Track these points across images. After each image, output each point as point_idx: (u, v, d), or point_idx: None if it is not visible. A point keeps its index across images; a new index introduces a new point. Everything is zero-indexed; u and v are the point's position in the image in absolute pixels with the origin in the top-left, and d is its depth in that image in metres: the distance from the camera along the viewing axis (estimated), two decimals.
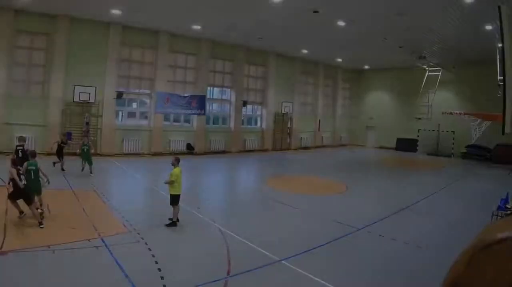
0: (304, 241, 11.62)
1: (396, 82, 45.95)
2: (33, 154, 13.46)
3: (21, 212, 12.34)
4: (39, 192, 13.14)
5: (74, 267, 9.01)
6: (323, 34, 29.92)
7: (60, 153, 21.31)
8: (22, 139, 17.64)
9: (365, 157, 39.05)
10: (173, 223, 12.74)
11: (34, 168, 12.82)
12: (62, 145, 21.50)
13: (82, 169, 20.99)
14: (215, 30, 30.94)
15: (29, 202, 11.95)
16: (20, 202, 12.00)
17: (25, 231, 11.30)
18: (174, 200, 12.86)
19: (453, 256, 1.89)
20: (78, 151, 21.76)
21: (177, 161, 13.22)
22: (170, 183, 12.75)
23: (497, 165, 33.93)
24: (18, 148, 16.74)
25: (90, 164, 20.84)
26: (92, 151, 21.59)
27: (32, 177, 12.72)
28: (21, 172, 12.33)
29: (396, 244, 11.89)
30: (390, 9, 22.31)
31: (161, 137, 31.86)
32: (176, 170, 12.90)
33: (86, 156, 20.83)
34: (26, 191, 12.08)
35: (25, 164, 12.96)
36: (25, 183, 12.17)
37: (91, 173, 20.63)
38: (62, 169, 21.01)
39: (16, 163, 12.75)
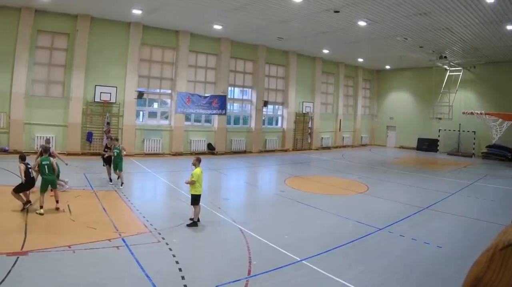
0: (324, 241, 11.35)
1: (417, 82, 44.61)
2: (46, 149, 13.98)
3: (26, 203, 12.71)
4: (54, 185, 13.49)
5: (94, 267, 8.77)
6: (344, 34, 28.85)
7: (107, 160, 18.24)
8: (48, 142, 17.38)
9: (385, 156, 37.53)
10: (194, 223, 12.37)
11: (47, 163, 13.33)
12: (105, 149, 18.78)
13: (110, 180, 17.93)
14: (235, 30, 30.11)
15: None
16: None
17: (46, 231, 11.05)
18: (195, 200, 12.50)
19: (474, 256, 1.72)
20: (105, 154, 18.51)
21: (198, 161, 12.91)
22: (191, 183, 12.43)
23: None
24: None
25: (120, 169, 17.41)
26: (124, 153, 17.88)
27: (46, 171, 13.22)
28: (29, 166, 12.97)
29: (416, 244, 11.57)
30: (411, 9, 21.52)
31: (182, 138, 30.93)
32: (197, 170, 12.58)
33: (117, 162, 17.44)
34: (30, 184, 12.98)
35: (39, 159, 13.67)
36: (27, 178, 12.79)
37: (122, 183, 17.19)
38: (110, 179, 18.04)
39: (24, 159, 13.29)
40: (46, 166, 13.27)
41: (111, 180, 18.00)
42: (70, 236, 10.60)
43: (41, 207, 12.74)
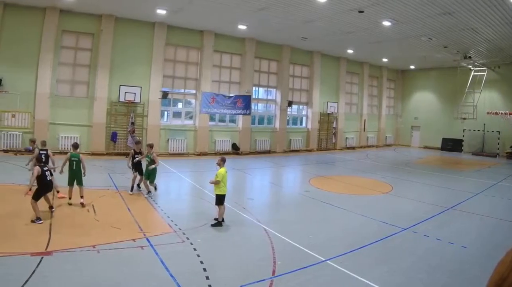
0: (349, 241, 11.05)
1: (441, 82, 43.00)
2: (76, 146, 14.01)
3: (39, 218, 11.39)
4: (80, 182, 13.54)
5: (119, 267, 8.53)
6: (368, 34, 27.77)
7: (136, 167, 15.79)
8: (44, 144, 15.33)
9: (410, 156, 36.25)
10: (218, 223, 12.07)
11: (76, 159, 13.46)
12: (135, 156, 15.95)
13: (132, 188, 15.54)
14: (260, 30, 29.02)
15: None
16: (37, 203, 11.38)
17: (70, 231, 10.69)
18: (220, 200, 12.19)
19: (499, 256, 1.69)
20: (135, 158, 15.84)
21: (223, 161, 12.54)
22: (216, 183, 12.10)
23: None
24: (41, 152, 14.54)
25: (152, 181, 15.28)
26: (156, 165, 15.03)
27: (74, 167, 13.41)
28: (45, 169, 11.95)
29: (441, 244, 11.20)
30: (436, 9, 20.71)
31: (206, 138, 29.81)
32: (222, 170, 12.20)
33: (149, 172, 15.16)
34: (47, 188, 11.90)
35: (68, 154, 13.68)
36: (43, 182, 11.65)
37: (148, 192, 15.10)
38: (138, 186, 16.05)
39: (40, 160, 12.76)
40: (75, 162, 13.40)
41: (133, 189, 15.60)
42: (94, 236, 10.35)
43: (70, 198, 13.28)
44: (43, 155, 14.17)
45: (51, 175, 12.18)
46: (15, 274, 7.68)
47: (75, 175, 13.45)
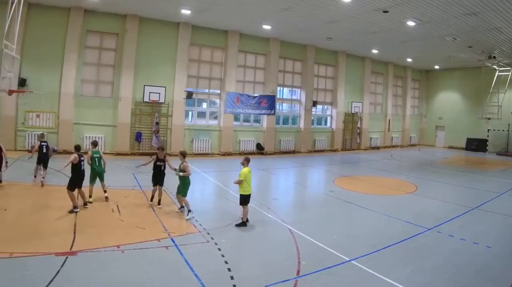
0: (373, 241, 10.61)
1: (466, 82, 40.90)
2: (95, 143, 13.90)
3: (75, 207, 11.74)
4: (102, 178, 13.49)
5: (143, 267, 8.21)
6: (393, 34, 26.58)
7: (157, 177, 13.13)
8: (42, 136, 16.11)
9: (434, 156, 34.44)
10: (243, 223, 11.61)
11: (98, 155, 13.44)
12: (158, 163, 13.11)
13: (189, 212, 11.99)
14: (284, 30, 27.72)
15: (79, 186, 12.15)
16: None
17: (95, 231, 10.32)
18: (244, 200, 11.72)
19: None
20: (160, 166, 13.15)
21: (247, 161, 11.98)
22: (239, 182, 11.68)
23: None
24: (42, 143, 15.48)
25: (184, 194, 12.29)
26: (186, 175, 12.21)
27: (97, 163, 13.34)
28: (82, 158, 12.29)
29: (465, 244, 10.83)
30: (460, 9, 19.85)
31: (231, 138, 28.49)
32: (245, 170, 11.70)
33: (182, 183, 12.39)
34: (81, 177, 12.25)
35: (90, 152, 13.45)
36: (78, 171, 12.07)
37: (189, 211, 11.93)
38: (152, 199, 13.38)
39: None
40: (96, 159, 13.36)
41: (152, 199, 13.28)
42: (119, 236, 9.99)
43: (90, 196, 12.95)
44: (44, 146, 15.28)
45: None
46: (39, 274, 7.38)
47: (98, 172, 13.34)
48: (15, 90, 17.51)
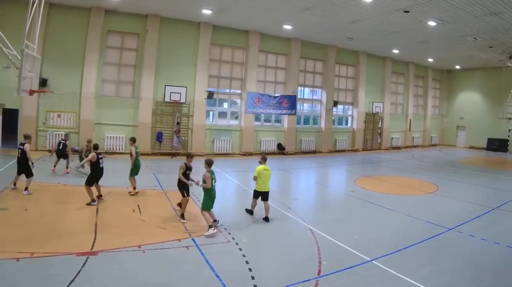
0: (394, 241, 10.30)
1: (487, 82, 38.94)
2: (134, 140, 14.41)
3: (93, 200, 11.99)
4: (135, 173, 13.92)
5: (164, 267, 7.96)
6: (414, 34, 25.49)
7: (185, 186, 11.23)
8: (65, 136, 17.27)
9: (455, 156, 33.01)
10: (249, 211, 12.13)
11: (138, 150, 14.00)
12: (187, 171, 11.19)
13: (183, 217, 11.12)
14: (305, 30, 26.46)
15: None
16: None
17: (116, 231, 9.99)
18: (255, 194, 11.98)
19: None
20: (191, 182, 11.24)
21: (264, 159, 12.12)
22: (254, 179, 11.87)
23: None
24: (61, 141, 16.88)
25: (203, 208, 10.47)
26: (205, 186, 10.32)
27: (138, 159, 13.95)
28: (100, 157, 12.48)
29: (486, 244, 10.44)
30: (482, 9, 19.08)
31: (251, 138, 27.28)
32: (259, 167, 11.82)
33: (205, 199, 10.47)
34: (99, 175, 12.49)
35: (134, 148, 13.83)
36: (96, 169, 12.36)
37: (210, 227, 10.07)
38: (183, 217, 11.41)
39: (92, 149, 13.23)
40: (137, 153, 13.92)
41: (183, 217, 11.16)
42: (140, 236, 9.65)
43: (134, 188, 13.68)
44: (61, 144, 16.67)
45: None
46: (60, 274, 7.15)
47: (139, 165, 14.08)
48: (36, 91, 16.88)
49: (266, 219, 11.56)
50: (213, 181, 10.43)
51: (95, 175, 12.31)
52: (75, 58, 21.72)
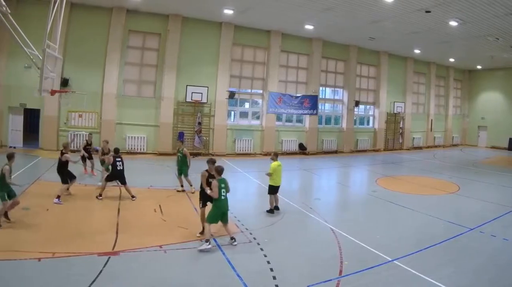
0: (415, 241, 9.81)
1: (509, 82, 36.99)
2: (181, 135, 14.98)
3: (100, 195, 12.30)
4: (185, 173, 13.75)
5: (186, 267, 7.75)
6: (435, 34, 24.36)
7: (203, 194, 9.55)
8: (90, 137, 16.98)
9: (477, 156, 31.50)
10: (271, 210, 11.76)
11: (180, 155, 13.84)
12: (209, 179, 9.29)
13: (206, 242, 8.71)
14: (327, 30, 25.14)
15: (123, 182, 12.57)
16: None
17: (137, 231, 9.58)
18: (271, 190, 11.86)
19: None
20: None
21: (276, 155, 12.15)
22: (269, 175, 11.74)
23: None
24: (87, 147, 16.39)
25: (207, 220, 8.98)
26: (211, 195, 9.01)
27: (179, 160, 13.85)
28: (118, 159, 12.52)
29: (508, 244, 9.94)
30: (503, 9, 18.28)
31: (273, 137, 25.95)
32: (274, 164, 11.79)
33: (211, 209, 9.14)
34: (116, 176, 12.49)
35: (182, 146, 14.21)
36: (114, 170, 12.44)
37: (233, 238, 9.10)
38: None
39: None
40: (179, 156, 13.94)
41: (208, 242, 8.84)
42: (161, 236, 9.25)
43: (182, 186, 13.79)
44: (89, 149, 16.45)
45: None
46: (82, 274, 6.89)
47: (181, 168, 14.07)
48: (57, 91, 16.29)
49: (277, 208, 11.79)
50: (222, 190, 8.81)
51: (112, 174, 12.41)
52: (96, 58, 20.77)
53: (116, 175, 12.41)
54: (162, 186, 14.33)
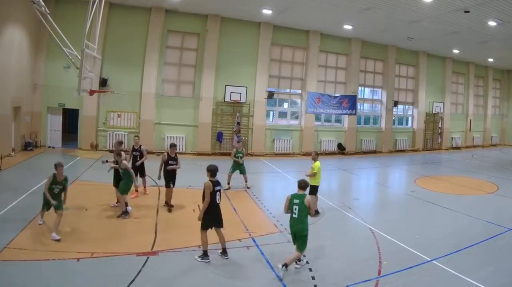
0: (454, 241, 8.62)
1: None
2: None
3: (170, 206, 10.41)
4: (244, 171, 13.33)
5: (225, 267, 6.80)
6: (474, 34, 21.61)
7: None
8: (136, 139, 12.17)
9: None
10: (316, 212, 9.59)
11: (241, 155, 13.03)
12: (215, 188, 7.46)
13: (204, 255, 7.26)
14: (365, 30, 22.05)
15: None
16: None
17: (176, 231, 8.64)
18: (315, 190, 10.14)
19: None
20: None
21: (317, 155, 10.72)
22: (312, 175, 10.13)
23: None
24: (135, 153, 11.60)
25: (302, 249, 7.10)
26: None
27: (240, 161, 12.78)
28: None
29: None
30: None
31: (312, 137, 22.84)
32: (318, 163, 10.35)
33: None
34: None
35: (241, 147, 13.55)
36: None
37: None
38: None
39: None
40: (240, 157, 13.18)
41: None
42: (199, 236, 7.58)
43: (228, 183, 12.80)
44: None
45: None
46: (121, 274, 6.18)
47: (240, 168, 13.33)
48: (96, 91, 14.43)
49: (317, 212, 10.38)
50: (294, 206, 7.03)
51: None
52: (135, 58, 18.17)
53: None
54: (201, 186, 12.66)
